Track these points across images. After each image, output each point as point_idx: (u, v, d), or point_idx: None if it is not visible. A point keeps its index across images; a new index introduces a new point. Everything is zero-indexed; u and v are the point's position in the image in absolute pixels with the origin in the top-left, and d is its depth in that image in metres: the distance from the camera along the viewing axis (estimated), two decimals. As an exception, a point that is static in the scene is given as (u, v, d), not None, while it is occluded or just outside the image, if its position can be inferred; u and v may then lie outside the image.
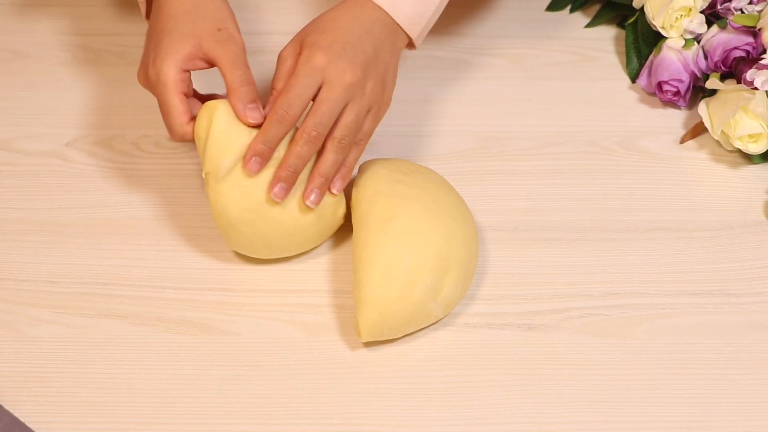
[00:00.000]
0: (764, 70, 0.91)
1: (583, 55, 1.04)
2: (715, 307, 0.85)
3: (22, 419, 0.78)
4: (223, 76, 0.82)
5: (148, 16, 0.89)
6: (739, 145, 0.93)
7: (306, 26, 0.85)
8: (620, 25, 1.06)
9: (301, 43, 0.84)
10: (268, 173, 0.82)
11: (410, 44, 0.88)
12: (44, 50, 1.01)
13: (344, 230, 0.88)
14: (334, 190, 0.84)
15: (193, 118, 0.83)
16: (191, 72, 0.83)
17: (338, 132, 0.82)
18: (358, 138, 0.84)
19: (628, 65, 1.02)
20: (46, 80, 1.00)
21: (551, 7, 1.08)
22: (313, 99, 0.82)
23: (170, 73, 0.81)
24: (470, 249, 0.84)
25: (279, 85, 0.83)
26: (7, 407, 0.79)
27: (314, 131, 0.81)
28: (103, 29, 1.05)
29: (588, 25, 1.06)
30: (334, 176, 0.84)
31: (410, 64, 1.02)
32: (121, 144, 0.95)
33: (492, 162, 0.95)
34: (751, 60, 0.95)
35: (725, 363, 0.82)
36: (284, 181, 0.82)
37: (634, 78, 1.01)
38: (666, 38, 0.98)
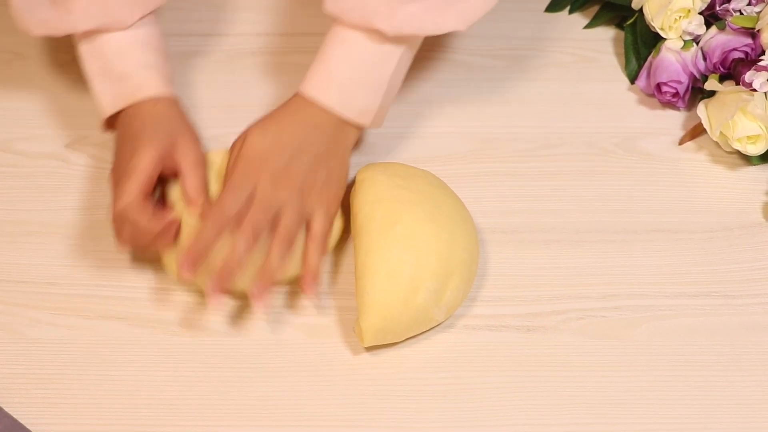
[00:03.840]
0: (763, 72, 0.91)
1: (582, 56, 1.04)
2: (714, 309, 0.85)
3: (21, 421, 0.78)
4: (183, 179, 0.83)
5: (109, 126, 0.89)
6: (737, 146, 0.93)
7: (255, 123, 0.86)
8: (619, 26, 1.06)
9: (245, 138, 0.85)
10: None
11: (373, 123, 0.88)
12: (44, 51, 1.01)
13: (344, 233, 0.88)
14: (306, 294, 0.82)
15: (146, 198, 0.82)
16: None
17: (280, 230, 0.81)
18: (315, 238, 0.83)
19: (627, 66, 1.02)
20: (45, 81, 0.99)
21: (550, 8, 1.08)
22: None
23: (146, 158, 0.82)
24: (471, 252, 0.84)
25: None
26: (6, 409, 0.79)
27: (249, 226, 0.80)
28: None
29: (587, 26, 1.06)
30: (276, 272, 0.81)
31: (410, 66, 1.01)
32: (121, 145, 0.95)
33: (491, 163, 0.95)
34: (749, 61, 0.95)
35: (724, 364, 0.82)
36: (221, 281, 0.80)
37: (632, 79, 1.01)
38: (665, 39, 0.98)
